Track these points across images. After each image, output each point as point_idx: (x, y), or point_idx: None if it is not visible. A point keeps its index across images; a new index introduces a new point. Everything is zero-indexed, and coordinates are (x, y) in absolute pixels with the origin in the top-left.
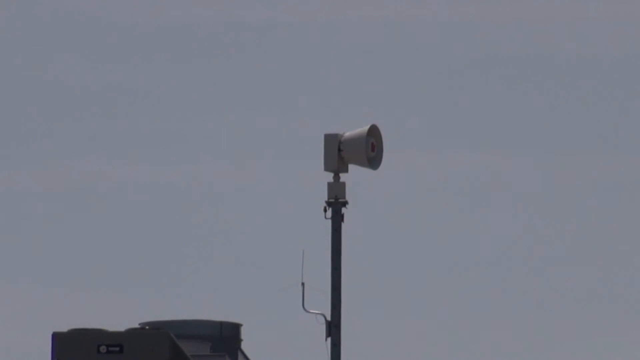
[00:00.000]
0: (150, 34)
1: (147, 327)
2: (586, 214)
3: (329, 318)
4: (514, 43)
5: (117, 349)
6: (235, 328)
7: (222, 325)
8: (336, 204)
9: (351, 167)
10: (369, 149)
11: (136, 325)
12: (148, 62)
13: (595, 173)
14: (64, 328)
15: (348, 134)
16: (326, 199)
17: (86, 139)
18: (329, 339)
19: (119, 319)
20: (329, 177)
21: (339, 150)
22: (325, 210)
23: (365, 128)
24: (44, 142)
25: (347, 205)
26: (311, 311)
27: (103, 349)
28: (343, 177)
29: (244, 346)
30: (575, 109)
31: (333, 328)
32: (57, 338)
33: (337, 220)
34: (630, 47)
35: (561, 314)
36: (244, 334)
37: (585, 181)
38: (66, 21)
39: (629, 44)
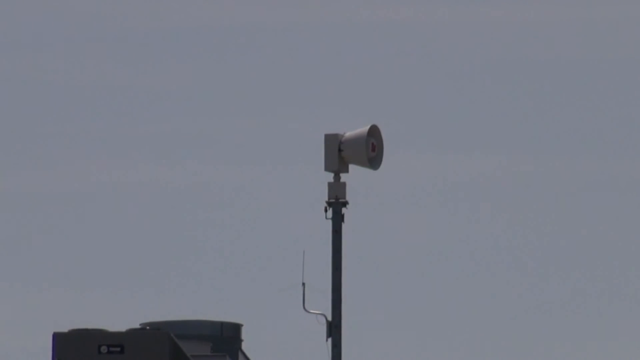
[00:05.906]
0: (151, 35)
1: (147, 328)
2: (586, 214)
3: (329, 318)
4: (514, 45)
5: (118, 349)
6: (235, 328)
7: (222, 325)
8: (337, 204)
9: (351, 167)
10: (369, 149)
11: (137, 326)
12: (148, 64)
13: (594, 174)
14: (64, 328)
15: (348, 134)
16: (327, 199)
17: (88, 140)
18: (330, 340)
19: (119, 319)
20: (330, 177)
21: (340, 150)
22: (325, 211)
23: (366, 128)
24: (45, 143)
25: (347, 206)
26: (312, 311)
27: (104, 349)
28: (343, 177)
29: (244, 346)
30: (575, 110)
31: (333, 328)
32: (58, 338)
33: (337, 220)
34: (630, 48)
35: (561, 314)
36: (245, 334)
37: (585, 182)
38: (69, 23)
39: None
